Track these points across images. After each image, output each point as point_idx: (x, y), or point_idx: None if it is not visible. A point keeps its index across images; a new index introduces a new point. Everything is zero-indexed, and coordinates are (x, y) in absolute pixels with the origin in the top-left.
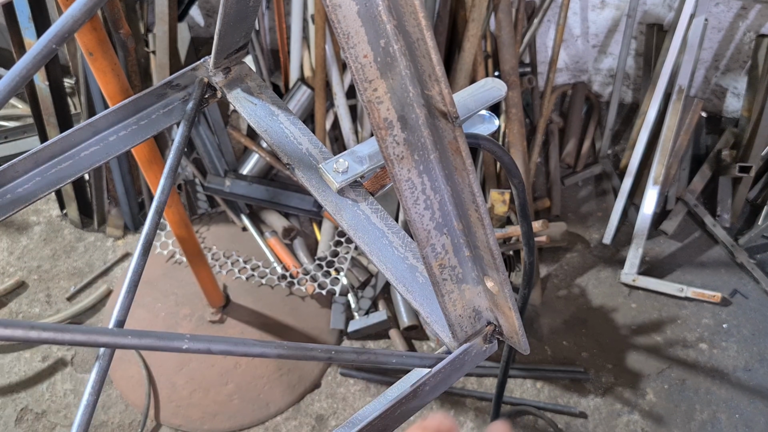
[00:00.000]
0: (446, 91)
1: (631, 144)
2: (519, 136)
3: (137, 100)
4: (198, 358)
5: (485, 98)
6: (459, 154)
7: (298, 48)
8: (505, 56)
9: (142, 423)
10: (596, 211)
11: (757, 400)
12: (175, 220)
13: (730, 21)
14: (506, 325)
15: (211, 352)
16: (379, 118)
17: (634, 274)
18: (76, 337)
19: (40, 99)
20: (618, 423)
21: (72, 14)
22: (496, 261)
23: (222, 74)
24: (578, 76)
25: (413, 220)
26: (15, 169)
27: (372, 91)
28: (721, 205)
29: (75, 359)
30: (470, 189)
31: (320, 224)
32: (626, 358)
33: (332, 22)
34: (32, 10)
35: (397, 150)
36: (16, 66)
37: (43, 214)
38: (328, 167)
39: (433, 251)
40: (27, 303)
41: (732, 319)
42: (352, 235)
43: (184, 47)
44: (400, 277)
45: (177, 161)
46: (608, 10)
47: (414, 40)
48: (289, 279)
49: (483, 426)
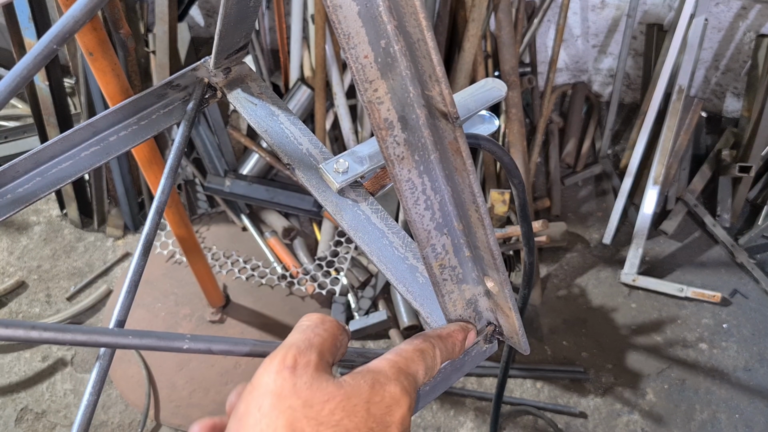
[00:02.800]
0: (446, 91)
1: (631, 144)
2: (519, 136)
3: (137, 100)
4: (198, 358)
5: (485, 98)
6: (459, 155)
7: (298, 48)
8: (505, 56)
9: (142, 423)
10: (596, 211)
11: (757, 400)
12: (175, 220)
13: (730, 21)
14: (506, 325)
15: (211, 352)
16: (380, 118)
17: (634, 274)
18: (77, 337)
19: (40, 99)
20: (618, 423)
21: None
22: (496, 261)
23: (222, 74)
24: (578, 76)
25: (413, 221)
26: (15, 169)
27: (372, 92)
28: (721, 205)
29: (75, 359)
30: (470, 189)
31: (320, 224)
32: (626, 358)
33: (333, 22)
34: (32, 10)
35: (398, 150)
36: (16, 66)
37: (43, 214)
38: (329, 167)
39: (433, 251)
40: (27, 303)
41: (732, 319)
42: (352, 235)
43: (184, 47)
44: (401, 277)
45: (177, 161)
46: (608, 10)
47: (414, 40)
48: (289, 279)
49: (483, 426)
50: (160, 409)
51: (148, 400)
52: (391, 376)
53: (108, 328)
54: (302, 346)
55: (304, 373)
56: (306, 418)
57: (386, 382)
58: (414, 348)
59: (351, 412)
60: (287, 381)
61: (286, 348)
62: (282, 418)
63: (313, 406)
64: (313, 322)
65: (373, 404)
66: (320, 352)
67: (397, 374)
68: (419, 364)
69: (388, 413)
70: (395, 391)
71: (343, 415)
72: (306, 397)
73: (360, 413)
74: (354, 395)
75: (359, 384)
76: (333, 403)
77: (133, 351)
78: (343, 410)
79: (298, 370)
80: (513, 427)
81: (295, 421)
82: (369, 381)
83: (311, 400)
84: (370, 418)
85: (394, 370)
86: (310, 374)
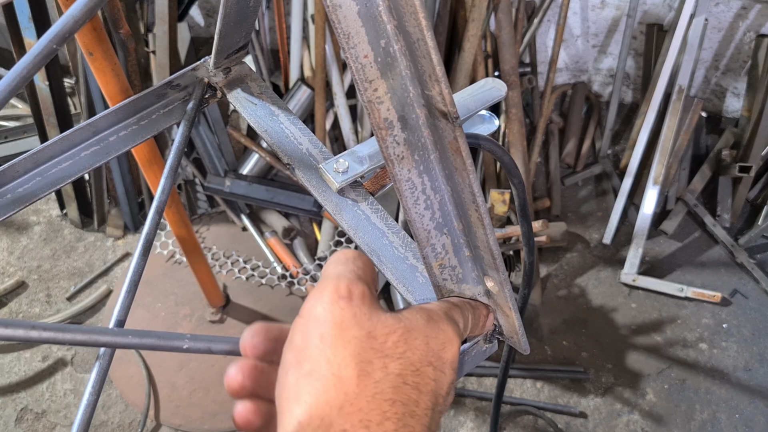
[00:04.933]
0: (446, 91)
1: (631, 144)
2: (519, 136)
3: (137, 100)
4: (198, 358)
5: (485, 98)
6: (459, 154)
7: (298, 48)
8: (505, 56)
9: (142, 423)
10: (596, 211)
11: (757, 400)
12: (175, 220)
13: (730, 21)
14: (506, 325)
15: (211, 352)
16: (380, 118)
17: (634, 274)
18: (77, 337)
19: (40, 99)
20: (618, 423)
21: (72, 14)
22: (496, 261)
23: (222, 74)
24: (578, 76)
25: (413, 220)
26: (15, 169)
27: (372, 91)
28: (721, 205)
29: (75, 359)
30: (470, 189)
31: (320, 224)
32: (626, 358)
33: (333, 22)
34: (32, 10)
35: (398, 150)
36: (16, 66)
37: (43, 214)
38: (328, 167)
39: (433, 251)
40: (27, 303)
41: (732, 319)
42: (352, 235)
43: (184, 47)
44: (401, 277)
45: (177, 161)
46: (608, 10)
47: (414, 40)
48: (289, 279)
49: (483, 426)
50: (160, 409)
51: (148, 400)
52: (443, 317)
53: (108, 328)
54: (352, 277)
55: (362, 304)
56: (372, 350)
57: (439, 320)
58: (453, 303)
59: (413, 345)
60: (346, 311)
61: (336, 279)
62: (348, 349)
63: (377, 338)
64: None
65: (431, 339)
66: (367, 283)
67: (447, 318)
68: (459, 317)
69: (443, 349)
70: (448, 330)
71: (406, 347)
72: (369, 328)
73: (420, 347)
74: (414, 329)
75: (417, 318)
76: (396, 336)
77: (133, 351)
78: (406, 343)
79: (354, 300)
80: (513, 427)
81: (362, 351)
82: (425, 316)
83: (374, 331)
84: (430, 352)
85: (443, 312)
86: (368, 305)
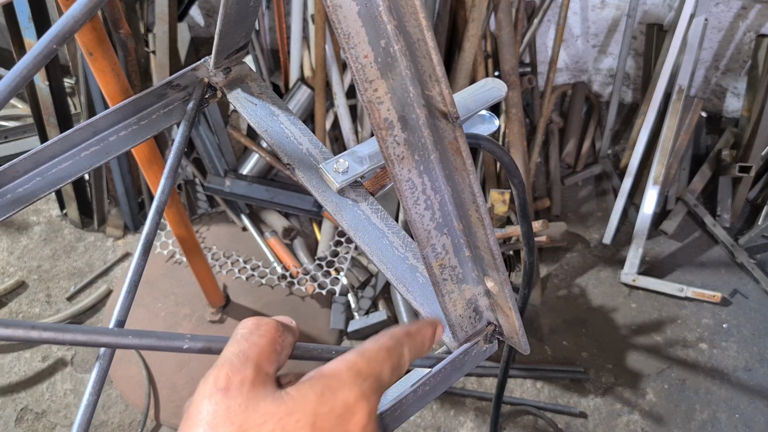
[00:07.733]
0: (446, 91)
1: (631, 144)
2: (519, 136)
3: (137, 100)
4: (198, 358)
5: (485, 98)
6: (459, 155)
7: (298, 48)
8: (505, 56)
9: (142, 423)
10: (596, 211)
11: (757, 400)
12: (175, 220)
13: (730, 21)
14: (506, 325)
15: (211, 351)
16: (380, 118)
17: (634, 274)
18: (77, 337)
19: (40, 99)
20: (618, 423)
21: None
22: (496, 261)
23: (222, 74)
24: (578, 76)
25: (413, 220)
26: (15, 169)
27: (372, 92)
28: (721, 205)
29: (75, 359)
30: (470, 189)
31: (320, 224)
32: (626, 358)
33: (333, 22)
34: (32, 10)
35: (398, 150)
36: (16, 66)
37: (43, 214)
38: (329, 167)
39: (433, 251)
40: (27, 303)
41: (732, 319)
42: (352, 235)
43: (184, 47)
44: (401, 277)
45: (177, 161)
46: (608, 10)
47: (414, 40)
48: (289, 279)
49: (483, 426)
50: (160, 409)
51: (148, 400)
52: (346, 380)
53: (108, 328)
54: (236, 362)
55: (239, 395)
56: None
57: (339, 388)
58: (379, 346)
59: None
60: (220, 406)
61: (219, 366)
62: None
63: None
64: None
65: (320, 416)
66: (257, 364)
67: (354, 377)
68: (384, 363)
69: (340, 423)
70: (348, 398)
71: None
72: (240, 422)
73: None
74: (296, 410)
75: (305, 395)
76: (270, 424)
77: (133, 351)
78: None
79: (231, 392)
80: (513, 427)
81: None
82: (318, 389)
83: (245, 424)
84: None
85: (350, 373)
86: (245, 394)
